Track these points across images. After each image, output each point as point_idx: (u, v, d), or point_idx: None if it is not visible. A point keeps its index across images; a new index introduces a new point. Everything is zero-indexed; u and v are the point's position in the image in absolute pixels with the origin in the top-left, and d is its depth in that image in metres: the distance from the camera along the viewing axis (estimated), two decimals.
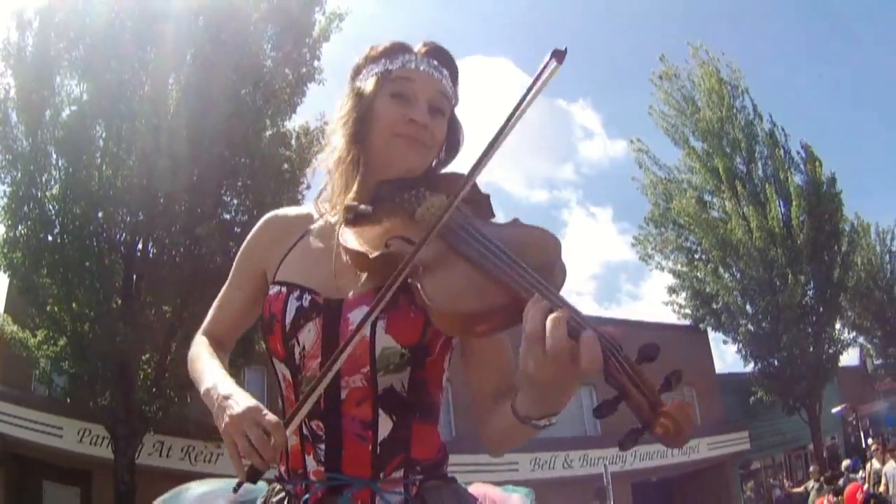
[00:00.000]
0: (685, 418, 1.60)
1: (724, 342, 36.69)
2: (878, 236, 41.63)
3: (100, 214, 17.94)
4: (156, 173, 17.37)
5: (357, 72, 2.37)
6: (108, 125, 18.02)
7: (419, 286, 1.84)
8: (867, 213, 48.17)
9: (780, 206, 32.42)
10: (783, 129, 34.51)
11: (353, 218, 2.14)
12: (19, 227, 17.61)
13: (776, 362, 32.65)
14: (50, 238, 17.84)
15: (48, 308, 17.82)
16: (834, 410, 33.25)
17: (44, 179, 17.94)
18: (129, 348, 17.32)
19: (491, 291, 1.79)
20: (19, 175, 17.73)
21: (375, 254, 1.97)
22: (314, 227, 2.32)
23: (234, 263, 2.51)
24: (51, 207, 17.95)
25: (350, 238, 2.07)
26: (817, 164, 33.66)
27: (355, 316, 2.06)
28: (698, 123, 33.76)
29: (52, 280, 17.70)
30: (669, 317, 37.10)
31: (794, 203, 31.92)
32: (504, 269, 1.80)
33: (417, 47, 2.36)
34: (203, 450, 21.66)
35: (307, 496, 2.11)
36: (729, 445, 34.08)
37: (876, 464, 18.71)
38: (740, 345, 33.57)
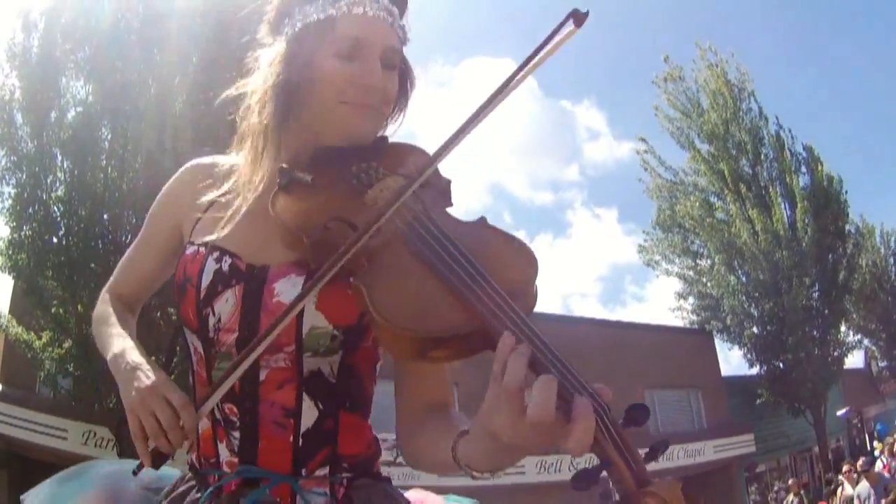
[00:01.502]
0: (676, 499, 1.34)
1: (730, 349, 36.80)
2: (883, 238, 41.62)
3: (105, 216, 17.94)
4: (161, 175, 17.30)
5: (283, 15, 2.00)
6: (113, 127, 18.05)
7: (364, 289, 1.55)
8: (872, 215, 48.04)
9: (785, 208, 32.39)
10: (790, 131, 34.52)
11: (287, 184, 1.86)
12: (24, 229, 17.62)
13: (781, 365, 32.63)
14: (55, 240, 17.86)
15: (53, 310, 17.83)
16: (839, 413, 33.22)
17: (49, 181, 17.94)
18: None
19: (455, 312, 1.50)
20: (24, 177, 17.74)
21: (311, 237, 1.70)
22: (238, 182, 1.99)
23: (147, 216, 2.26)
24: (56, 209, 17.95)
25: (283, 208, 1.80)
26: (821, 166, 33.64)
27: (282, 287, 1.83)
28: (703, 126, 33.72)
29: (58, 282, 17.70)
30: (675, 319, 37.12)
31: (799, 205, 31.88)
32: (473, 287, 1.51)
33: None
34: None
35: (212, 487, 1.88)
36: (734, 448, 34.05)
37: (848, 488, 18.20)
38: (746, 348, 33.57)
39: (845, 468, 19.40)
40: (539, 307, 1.64)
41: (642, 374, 32.10)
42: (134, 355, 1.92)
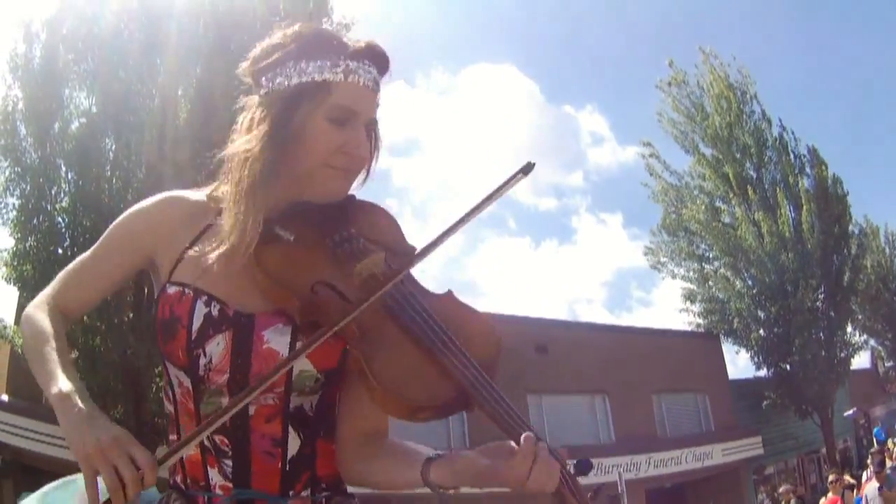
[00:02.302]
0: None
1: (737, 352, 36.83)
2: (888, 238, 41.68)
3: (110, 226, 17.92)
4: (165, 184, 17.35)
5: (275, 63, 2.05)
6: (117, 137, 18.05)
7: (362, 359, 1.79)
8: (877, 216, 48.13)
9: (789, 210, 32.43)
10: (793, 133, 34.58)
11: (269, 239, 1.97)
12: (29, 240, 17.62)
13: (788, 367, 32.68)
14: (60, 251, 17.83)
15: None
16: (846, 414, 33.22)
17: (53, 192, 17.96)
18: (140, 360, 17.31)
19: (442, 384, 1.81)
20: (28, 188, 17.74)
21: (300, 299, 1.89)
22: (215, 226, 2.05)
23: (112, 231, 2.21)
24: (61, 220, 17.97)
25: (265, 262, 1.95)
26: (824, 166, 33.69)
27: (270, 335, 1.95)
28: (707, 130, 33.79)
29: None
30: (682, 323, 37.13)
31: (803, 207, 31.92)
32: (455, 362, 1.81)
33: (352, 44, 2.06)
34: None
35: None
36: (742, 451, 34.08)
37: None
38: (753, 350, 33.60)
39: (831, 478, 19.35)
40: (545, 314, 2.05)
41: (650, 379, 32.14)
42: (85, 397, 1.89)
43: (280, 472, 2.02)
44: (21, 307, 20.48)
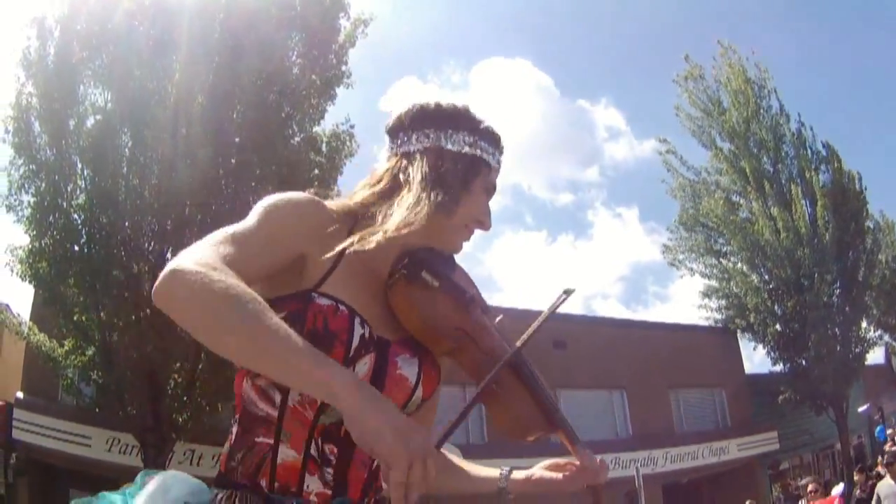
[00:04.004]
0: None
1: (754, 348, 36.81)
2: None
3: (126, 224, 17.91)
4: (182, 181, 17.34)
5: (446, 126, 2.31)
6: (133, 134, 18.02)
7: (491, 413, 2.19)
8: (893, 212, 47.87)
9: (805, 205, 32.35)
10: (812, 129, 34.50)
11: (414, 278, 2.19)
12: (45, 238, 17.62)
13: (804, 362, 32.62)
14: (76, 248, 17.84)
15: (75, 318, 17.82)
16: (860, 409, 33.13)
17: (69, 189, 17.96)
18: (158, 357, 17.30)
19: (543, 417, 2.24)
20: (44, 185, 17.74)
21: (449, 341, 2.19)
22: (356, 246, 2.14)
23: (271, 218, 2.13)
24: (77, 217, 17.97)
25: (410, 297, 2.16)
26: (840, 163, 33.63)
27: (402, 363, 2.16)
28: (724, 124, 33.73)
29: (79, 290, 17.72)
30: (698, 318, 37.11)
31: (819, 202, 31.84)
32: (550, 401, 2.27)
33: (496, 135, 2.40)
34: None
35: None
36: (758, 446, 34.04)
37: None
38: (769, 346, 33.58)
39: (810, 487, 19.24)
40: (561, 309, 2.42)
41: (666, 374, 32.16)
42: (363, 381, 1.82)
43: (364, 481, 2.15)
44: (37, 305, 20.52)
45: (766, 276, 33.32)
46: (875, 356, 37.77)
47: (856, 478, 19.28)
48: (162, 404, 17.85)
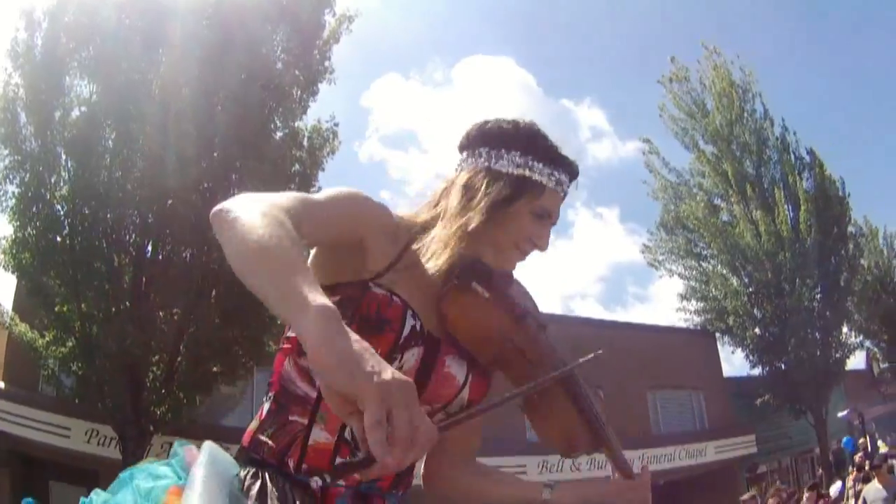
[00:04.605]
0: None
1: (732, 352, 36.85)
2: (887, 240, 41.57)
3: (109, 215, 17.94)
4: (165, 174, 17.39)
5: (499, 144, 2.35)
6: (117, 126, 18.01)
7: (533, 424, 2.35)
8: (876, 218, 47.96)
9: (788, 210, 32.45)
10: (795, 134, 34.60)
11: (466, 287, 2.25)
12: (28, 228, 17.64)
13: (783, 366, 32.72)
14: (59, 239, 17.86)
15: (57, 308, 17.83)
16: (840, 414, 33.21)
17: (53, 180, 17.96)
18: (138, 350, 17.34)
19: (588, 435, 2.35)
20: (28, 176, 17.76)
21: (497, 350, 2.25)
22: (413, 248, 2.30)
23: (339, 197, 2.16)
24: (60, 208, 17.98)
25: (469, 309, 2.23)
26: (823, 168, 33.73)
27: (451, 362, 2.25)
28: (708, 127, 33.80)
29: (61, 281, 17.72)
30: (678, 320, 37.17)
31: (802, 207, 31.95)
32: (598, 421, 2.36)
33: (562, 155, 2.39)
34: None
35: (342, 500, 2.13)
36: (736, 449, 34.08)
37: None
38: (748, 349, 33.66)
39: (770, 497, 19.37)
40: (540, 308, 2.46)
41: (644, 375, 32.16)
42: (352, 333, 1.56)
43: (396, 473, 2.19)
44: (19, 295, 20.55)
45: (746, 280, 33.31)
46: (856, 362, 37.85)
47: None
48: (141, 397, 17.89)
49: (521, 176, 2.31)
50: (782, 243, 31.66)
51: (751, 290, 33.06)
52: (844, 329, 34.80)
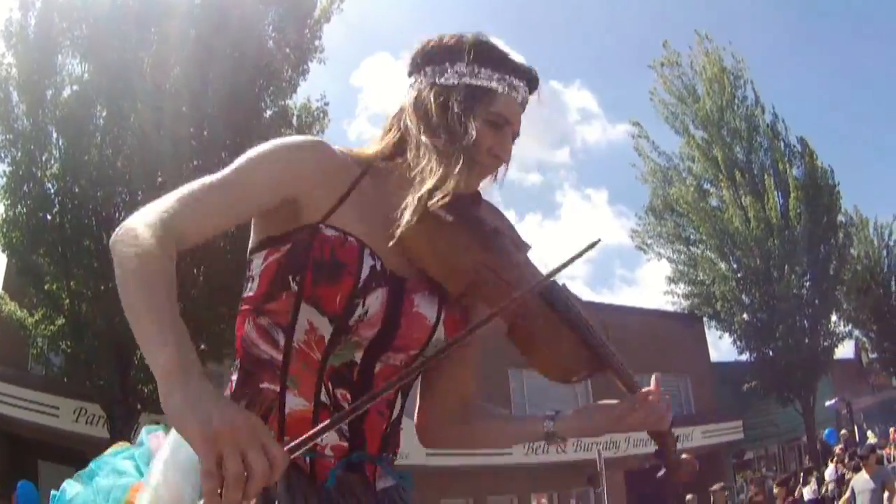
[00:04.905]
0: (694, 466, 2.35)
1: (720, 337, 36.92)
2: (877, 230, 41.65)
3: (99, 194, 17.90)
4: (155, 153, 17.38)
5: (447, 57, 2.17)
6: (108, 105, 18.00)
7: (531, 332, 2.14)
8: (867, 208, 48.15)
9: (778, 197, 32.54)
10: (784, 121, 34.66)
11: (429, 216, 2.05)
12: (19, 206, 17.63)
13: (771, 353, 32.83)
14: (49, 217, 17.87)
15: (46, 287, 17.83)
16: (827, 403, 33.31)
17: (44, 159, 17.95)
18: (126, 328, 17.30)
19: (586, 355, 2.17)
20: (20, 154, 17.75)
21: (468, 276, 2.08)
22: (364, 183, 2.12)
23: (256, 162, 2.06)
24: (50, 186, 17.96)
25: (434, 238, 2.05)
26: (814, 157, 33.81)
27: (420, 300, 2.07)
28: (698, 112, 33.87)
29: (51, 259, 17.72)
30: (665, 304, 37.24)
31: (792, 195, 32.04)
32: (595, 338, 2.18)
33: (515, 61, 2.21)
34: None
35: (334, 471, 1.98)
36: (722, 434, 34.21)
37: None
38: (736, 335, 33.76)
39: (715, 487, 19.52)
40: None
41: (631, 359, 31.59)
42: (208, 384, 1.58)
43: (381, 434, 2.12)
44: (10, 274, 20.51)
45: (735, 265, 33.46)
46: (845, 351, 38.01)
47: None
48: (129, 375, 17.90)
49: (468, 85, 2.13)
50: (771, 230, 31.79)
51: (739, 275, 33.18)
52: (833, 318, 35.03)
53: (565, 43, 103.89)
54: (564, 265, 1.95)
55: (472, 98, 2.11)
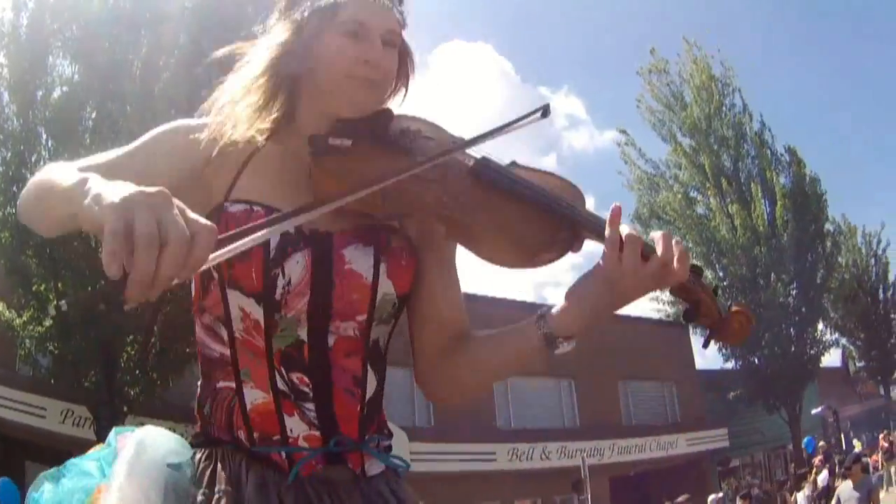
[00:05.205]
0: (750, 312, 1.97)
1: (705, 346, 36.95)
2: (865, 239, 41.78)
3: None
4: None
5: (294, 3, 2.03)
6: (98, 107, 18.02)
7: (469, 220, 1.89)
8: (856, 216, 48.43)
9: (765, 205, 32.65)
10: (770, 130, 34.76)
11: (325, 151, 1.91)
12: (7, 207, 17.61)
13: (757, 361, 32.91)
14: None
15: (34, 288, 17.82)
16: (814, 411, 33.44)
17: (33, 159, 17.93)
18: (113, 330, 17.35)
19: (547, 222, 1.90)
20: (9, 155, 17.74)
21: (381, 194, 1.80)
22: (268, 147, 1.99)
23: (155, 136, 2.04)
24: None
25: (328, 174, 1.89)
26: (802, 166, 33.93)
27: (351, 254, 1.88)
28: (686, 120, 33.94)
29: (39, 260, 17.71)
30: (651, 311, 37.31)
31: (779, 203, 32.15)
32: (549, 199, 1.91)
33: None
34: (185, 433, 21.56)
35: (296, 468, 1.82)
36: (708, 442, 34.33)
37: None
38: (721, 342, 33.83)
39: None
40: (511, 295, 2.20)
41: (617, 366, 32.25)
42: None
43: (358, 416, 1.93)
44: None
45: (721, 273, 33.50)
46: (831, 359, 38.12)
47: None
48: (115, 377, 17.92)
49: (316, 8, 1.97)
50: (758, 238, 31.93)
51: (725, 283, 33.21)
52: (820, 326, 35.17)
53: (553, 48, 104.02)
54: (496, 130, 1.89)
55: (319, 17, 1.96)
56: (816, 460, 22.80)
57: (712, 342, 2.02)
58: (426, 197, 1.89)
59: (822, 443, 27.11)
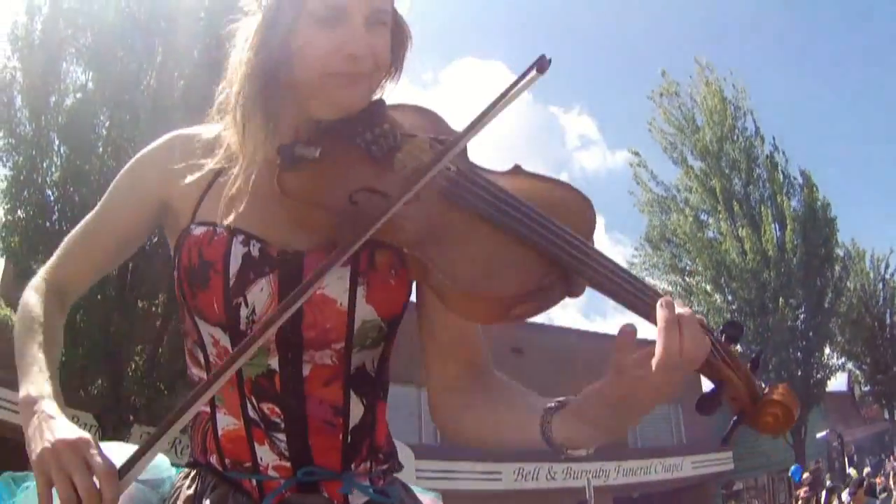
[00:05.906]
0: (794, 401, 1.53)
1: None
2: (873, 263, 41.72)
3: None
4: None
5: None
6: (111, 114, 18.02)
7: (434, 262, 1.55)
8: (864, 240, 48.24)
9: (775, 229, 32.55)
10: (783, 153, 34.66)
11: (291, 162, 1.72)
12: (18, 212, 17.63)
13: (763, 385, 32.85)
14: (48, 224, 17.85)
15: None
16: (819, 435, 33.33)
17: (45, 165, 17.93)
18: (121, 338, 17.33)
19: (534, 264, 1.55)
20: (21, 159, 17.74)
21: (338, 215, 1.64)
22: (231, 156, 1.85)
23: (116, 183, 2.01)
24: (51, 193, 17.96)
25: (293, 188, 1.69)
26: (814, 190, 33.82)
27: (325, 277, 1.59)
28: (697, 143, 33.86)
29: None
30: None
31: (788, 227, 32.05)
32: (543, 233, 1.57)
33: None
34: (190, 443, 21.53)
35: (268, 500, 1.75)
36: (712, 465, 34.22)
37: None
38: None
39: None
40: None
41: None
42: (52, 405, 1.65)
43: (340, 446, 1.81)
44: (7, 278, 20.49)
45: (730, 297, 33.39)
46: (837, 383, 38.02)
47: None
48: (121, 385, 17.89)
49: (283, 3, 1.75)
50: (768, 262, 31.79)
51: (734, 307, 33.11)
52: (826, 350, 34.95)
53: (565, 67, 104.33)
54: (491, 108, 1.68)
55: (290, 3, 1.74)
56: (801, 491, 22.63)
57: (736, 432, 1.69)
58: (406, 225, 1.62)
59: (806, 474, 26.99)
